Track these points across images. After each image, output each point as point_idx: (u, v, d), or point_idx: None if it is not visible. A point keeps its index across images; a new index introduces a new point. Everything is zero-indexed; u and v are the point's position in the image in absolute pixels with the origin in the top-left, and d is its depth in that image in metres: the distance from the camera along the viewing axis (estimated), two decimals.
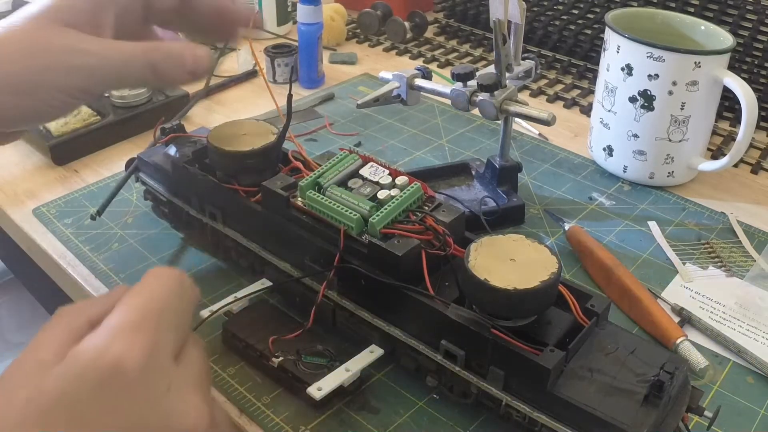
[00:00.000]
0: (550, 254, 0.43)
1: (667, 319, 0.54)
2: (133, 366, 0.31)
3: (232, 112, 0.86)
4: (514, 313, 0.42)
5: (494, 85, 0.60)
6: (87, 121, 0.76)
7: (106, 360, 0.31)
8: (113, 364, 0.30)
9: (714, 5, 0.84)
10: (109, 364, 0.30)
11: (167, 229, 0.63)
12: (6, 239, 0.71)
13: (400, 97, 0.66)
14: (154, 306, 0.34)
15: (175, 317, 0.35)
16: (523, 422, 0.43)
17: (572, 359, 0.42)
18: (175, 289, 0.35)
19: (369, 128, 0.83)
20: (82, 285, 0.58)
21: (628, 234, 0.66)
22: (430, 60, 1.02)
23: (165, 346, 0.33)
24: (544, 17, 0.99)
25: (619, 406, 0.39)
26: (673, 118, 0.68)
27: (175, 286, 0.35)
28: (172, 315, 0.34)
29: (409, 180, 0.49)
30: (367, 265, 0.46)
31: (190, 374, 0.34)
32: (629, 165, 0.72)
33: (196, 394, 0.33)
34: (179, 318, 0.35)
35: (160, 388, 0.32)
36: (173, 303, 0.35)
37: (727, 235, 0.66)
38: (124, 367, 0.31)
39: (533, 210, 0.68)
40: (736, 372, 0.52)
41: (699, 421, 0.43)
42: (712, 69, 0.66)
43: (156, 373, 0.32)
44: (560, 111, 0.89)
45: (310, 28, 0.89)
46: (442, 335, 0.44)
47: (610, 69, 0.70)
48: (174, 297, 0.35)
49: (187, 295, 0.36)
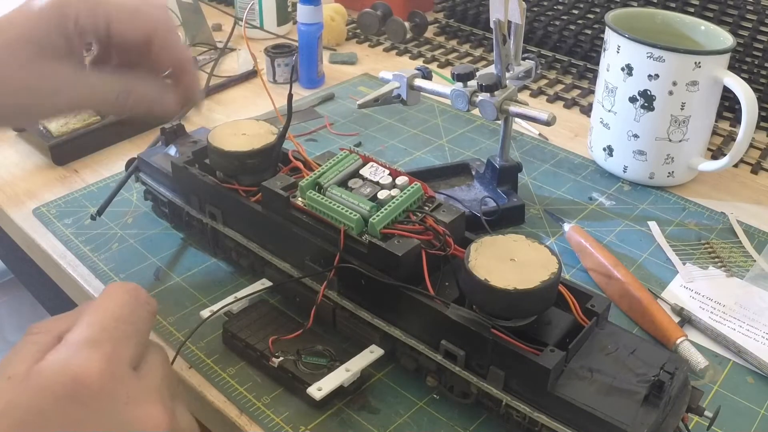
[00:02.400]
0: (550, 254, 0.43)
1: (667, 319, 0.54)
2: (92, 379, 0.33)
3: (232, 112, 0.86)
4: (514, 313, 0.42)
5: (494, 85, 0.60)
6: (87, 121, 0.76)
7: (67, 374, 0.33)
8: (73, 378, 0.33)
9: (714, 5, 0.84)
10: (69, 378, 0.33)
11: (167, 229, 0.63)
12: (6, 239, 0.71)
13: (400, 97, 0.66)
14: (110, 320, 0.36)
15: (132, 329, 0.37)
16: (523, 422, 0.43)
17: (572, 359, 0.42)
18: (131, 302, 0.38)
19: (369, 128, 0.83)
20: (82, 285, 0.58)
21: (628, 234, 0.66)
22: (430, 60, 1.02)
23: (122, 358, 0.35)
24: (544, 17, 0.99)
25: (619, 406, 0.39)
26: (673, 118, 0.68)
27: (130, 300, 0.38)
28: (128, 327, 0.36)
29: (409, 180, 0.49)
30: (367, 265, 0.46)
31: (150, 383, 0.36)
32: (629, 165, 0.72)
33: (156, 403, 0.35)
34: (136, 329, 0.37)
35: (120, 399, 0.33)
36: (129, 316, 0.37)
37: (727, 235, 0.66)
38: (83, 381, 0.33)
39: (533, 210, 0.68)
40: (736, 372, 0.52)
41: (699, 421, 0.43)
42: (712, 69, 0.66)
43: (114, 384, 0.34)
44: (560, 111, 0.89)
45: (310, 28, 0.89)
46: (442, 335, 0.44)
47: (610, 69, 0.70)
48: (129, 310, 0.37)
49: (142, 307, 0.38)
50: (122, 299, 0.38)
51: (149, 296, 0.40)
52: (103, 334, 0.35)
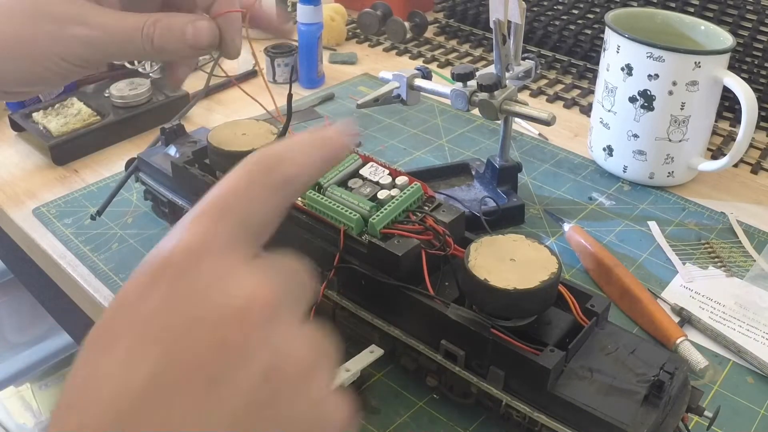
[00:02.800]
0: (550, 254, 0.43)
1: (667, 319, 0.54)
2: (179, 256, 0.28)
3: (232, 112, 0.86)
4: (513, 313, 0.42)
5: (494, 85, 0.60)
6: (87, 121, 0.76)
7: (158, 255, 0.28)
8: (163, 257, 0.28)
9: (714, 5, 0.84)
10: (159, 259, 0.28)
11: (167, 229, 0.63)
12: (6, 239, 0.71)
13: (400, 97, 0.66)
14: (221, 196, 0.30)
15: (244, 205, 0.30)
16: (523, 422, 0.43)
17: (572, 359, 0.42)
18: (251, 174, 0.31)
19: (369, 128, 0.83)
20: (82, 285, 0.58)
21: (628, 234, 0.66)
22: (430, 60, 1.02)
23: (222, 235, 0.29)
24: (544, 17, 0.99)
25: (619, 406, 0.39)
26: (673, 118, 0.68)
27: (251, 171, 0.31)
28: (237, 202, 0.30)
29: (409, 180, 0.49)
30: (367, 265, 0.46)
31: (258, 268, 0.29)
32: (629, 165, 0.72)
33: (256, 275, 0.28)
34: (255, 210, 0.30)
35: (212, 274, 0.28)
36: (249, 192, 0.30)
37: (727, 235, 0.66)
38: (170, 260, 0.28)
39: (533, 210, 0.68)
40: (736, 372, 0.52)
41: (699, 421, 0.43)
42: (712, 69, 0.66)
43: (205, 260, 0.28)
44: (560, 111, 0.89)
45: (310, 28, 0.89)
46: (442, 335, 0.44)
47: (610, 69, 0.70)
48: (246, 183, 0.30)
49: (268, 188, 0.31)
50: (243, 171, 0.31)
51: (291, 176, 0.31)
52: (208, 209, 0.30)
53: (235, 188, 0.31)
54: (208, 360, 0.26)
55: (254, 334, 0.27)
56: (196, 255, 0.28)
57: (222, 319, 0.27)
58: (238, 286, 0.28)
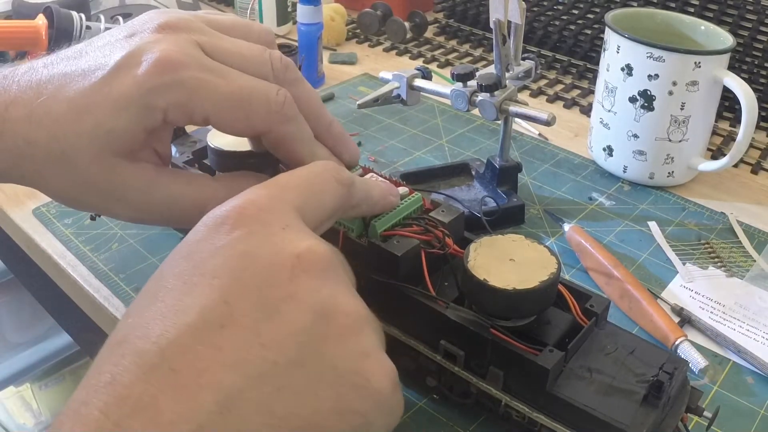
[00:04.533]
0: (550, 254, 0.43)
1: (667, 319, 0.54)
2: (251, 209, 0.32)
3: None
4: (513, 313, 0.42)
5: (494, 85, 0.60)
6: None
7: (229, 205, 0.32)
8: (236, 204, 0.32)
9: (714, 5, 0.84)
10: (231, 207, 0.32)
11: (167, 229, 0.63)
12: (6, 239, 0.71)
13: (400, 97, 0.66)
14: (291, 175, 0.36)
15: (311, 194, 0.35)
16: (522, 422, 0.43)
17: (571, 359, 0.42)
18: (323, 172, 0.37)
19: (369, 128, 0.83)
20: (82, 285, 0.58)
21: (628, 234, 0.66)
22: (430, 60, 1.02)
23: (287, 201, 0.34)
24: (544, 17, 0.99)
25: (618, 406, 0.39)
26: (673, 118, 0.68)
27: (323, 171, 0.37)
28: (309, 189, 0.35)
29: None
30: (366, 265, 0.46)
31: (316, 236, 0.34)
32: (629, 165, 0.72)
33: (316, 238, 0.33)
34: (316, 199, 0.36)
35: (278, 224, 0.32)
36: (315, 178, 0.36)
37: (727, 235, 0.66)
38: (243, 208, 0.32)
39: (533, 210, 0.68)
40: (736, 372, 0.52)
41: (698, 421, 0.43)
42: (712, 69, 0.66)
43: (273, 213, 0.32)
44: (560, 111, 0.89)
45: (310, 28, 0.89)
46: (441, 335, 0.44)
47: (610, 69, 0.70)
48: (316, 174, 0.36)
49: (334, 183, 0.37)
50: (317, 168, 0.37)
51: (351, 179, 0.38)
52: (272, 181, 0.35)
53: (306, 175, 0.36)
54: (261, 297, 0.29)
55: (307, 279, 0.31)
56: (266, 209, 0.32)
57: (280, 261, 0.31)
58: (298, 238, 0.32)
